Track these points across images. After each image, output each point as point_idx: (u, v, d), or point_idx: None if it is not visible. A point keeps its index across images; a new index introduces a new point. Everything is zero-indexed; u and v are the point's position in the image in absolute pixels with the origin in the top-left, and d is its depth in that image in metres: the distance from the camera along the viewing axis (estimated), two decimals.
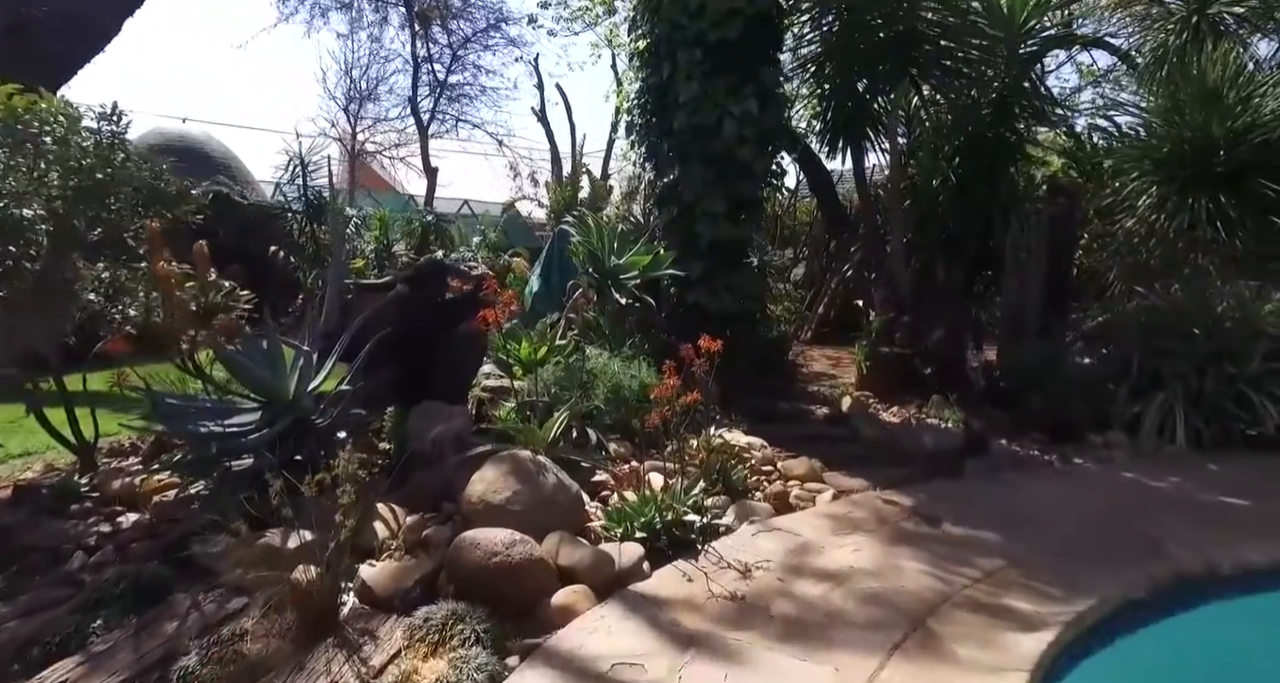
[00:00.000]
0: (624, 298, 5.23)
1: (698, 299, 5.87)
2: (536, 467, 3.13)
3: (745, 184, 5.80)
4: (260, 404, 3.27)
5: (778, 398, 6.21)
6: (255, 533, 2.61)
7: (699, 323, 6.04)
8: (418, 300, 4.04)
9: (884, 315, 6.29)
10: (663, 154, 6.01)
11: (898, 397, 6.02)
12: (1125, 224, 6.47)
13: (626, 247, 5.73)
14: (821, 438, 5.02)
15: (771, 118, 5.78)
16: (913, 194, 6.26)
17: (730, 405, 5.54)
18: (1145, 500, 3.60)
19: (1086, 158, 7.44)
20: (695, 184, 5.75)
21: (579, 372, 4.59)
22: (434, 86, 14.70)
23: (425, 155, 14.14)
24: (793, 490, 3.73)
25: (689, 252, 5.98)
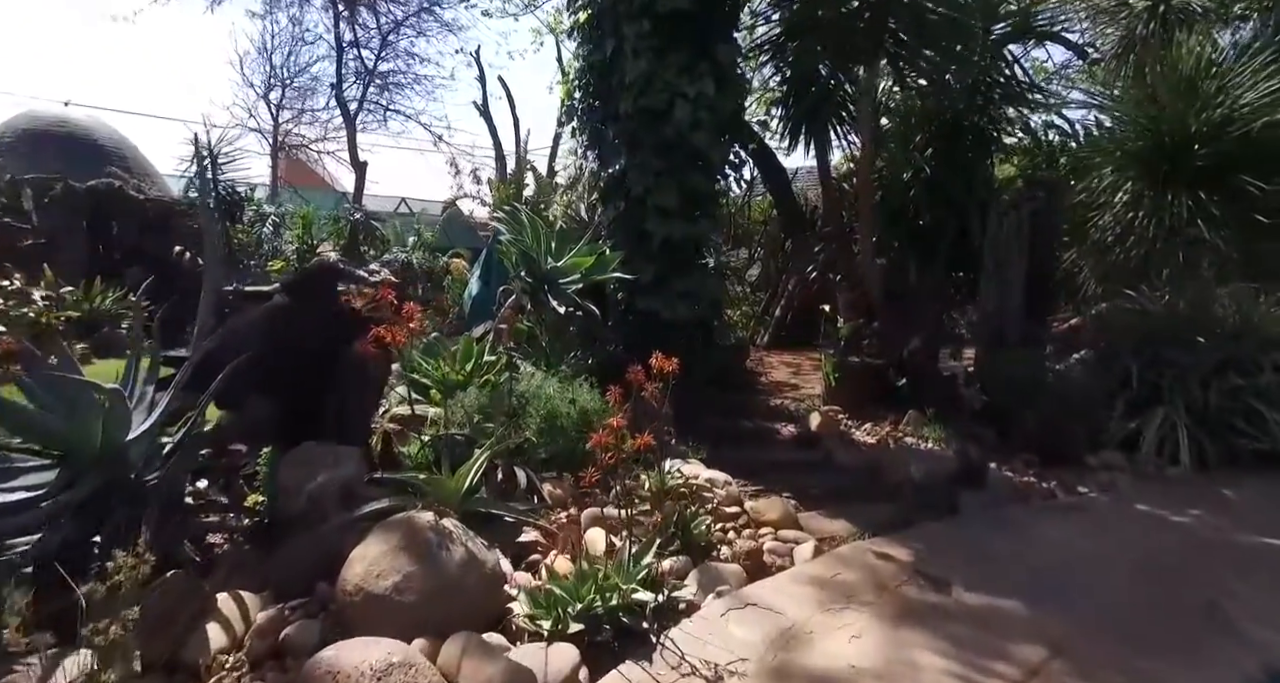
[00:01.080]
0: (563, 306, 4.50)
1: (649, 306, 5.18)
2: (439, 535, 2.38)
3: (700, 175, 5.15)
4: (56, 460, 2.41)
5: (739, 415, 5.58)
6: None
7: (651, 333, 5.36)
8: (298, 313, 3.22)
9: (852, 322, 5.73)
10: (607, 142, 5.31)
11: (870, 412, 5.47)
12: (1098, 222, 6.10)
13: (567, 247, 4.99)
14: (792, 465, 4.40)
15: (729, 101, 5.14)
16: (882, 188, 5.72)
17: (687, 427, 4.88)
18: (1181, 546, 3.08)
19: (1043, 156, 7.09)
20: (644, 175, 5.06)
21: (507, 396, 3.83)
22: (361, 74, 13.59)
23: (353, 148, 13.03)
24: (765, 542, 3.07)
25: (638, 252, 5.29)
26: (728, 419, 5.41)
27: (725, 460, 4.34)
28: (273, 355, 3.10)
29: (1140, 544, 3.08)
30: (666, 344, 4.85)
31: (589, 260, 4.63)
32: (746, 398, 6.32)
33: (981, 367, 5.19)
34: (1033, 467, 4.17)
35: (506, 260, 4.65)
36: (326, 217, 11.73)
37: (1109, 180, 5.93)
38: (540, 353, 4.76)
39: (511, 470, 3.44)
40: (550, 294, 4.53)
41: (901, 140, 5.50)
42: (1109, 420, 4.29)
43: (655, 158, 5.07)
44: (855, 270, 6.09)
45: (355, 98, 13.60)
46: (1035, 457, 4.24)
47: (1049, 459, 4.21)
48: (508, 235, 4.58)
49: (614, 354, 5.23)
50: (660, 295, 5.22)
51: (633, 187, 5.10)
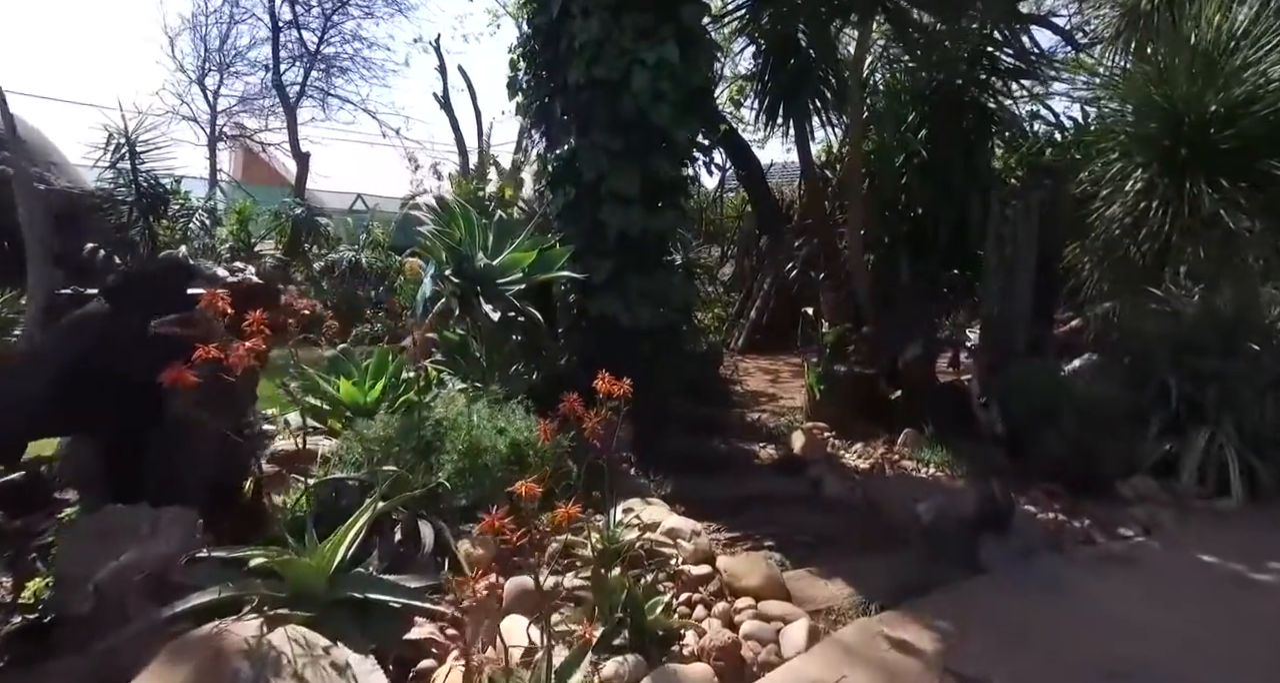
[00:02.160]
0: (498, 311, 3.72)
1: (605, 309, 4.43)
2: (258, 662, 1.59)
3: (664, 158, 4.41)
4: None
5: (711, 434, 4.87)
6: None
7: (608, 341, 4.61)
8: (118, 326, 2.40)
9: (838, 326, 5.04)
10: (555, 118, 4.54)
11: (860, 429, 4.79)
12: (1104, 213, 5.50)
13: (507, 241, 4.22)
14: (773, 500, 3.69)
15: (696, 70, 4.42)
16: (871, 175, 5.05)
17: (649, 451, 4.16)
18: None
19: (1029, 146, 6.51)
20: (597, 157, 4.31)
21: (418, 425, 3.05)
22: (301, 56, 12.45)
23: (293, 137, 12.01)
24: (744, 623, 2.34)
25: (592, 247, 4.53)
26: (696, 440, 4.69)
27: (693, 495, 3.63)
28: (81, 383, 2.29)
29: (1229, 618, 2.41)
30: (627, 354, 4.10)
31: (529, 256, 3.86)
32: (720, 412, 5.60)
33: (986, 378, 4.54)
34: (1057, 499, 3.51)
35: (433, 258, 3.86)
36: (266, 212, 10.74)
37: (1116, 167, 5.33)
38: (475, 368, 3.98)
39: (415, 525, 2.66)
40: (483, 297, 3.75)
41: (893, 120, 4.83)
42: (1141, 442, 3.64)
43: (610, 136, 4.32)
44: (840, 268, 5.40)
45: (295, 82, 12.55)
46: (1058, 486, 3.59)
47: (1075, 488, 3.56)
48: (430, 227, 3.79)
49: (565, 368, 4.47)
50: (618, 297, 4.47)
51: (584, 170, 4.34)
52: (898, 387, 4.88)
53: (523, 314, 3.79)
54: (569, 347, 4.75)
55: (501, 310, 3.72)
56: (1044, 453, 3.63)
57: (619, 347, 4.60)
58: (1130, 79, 5.53)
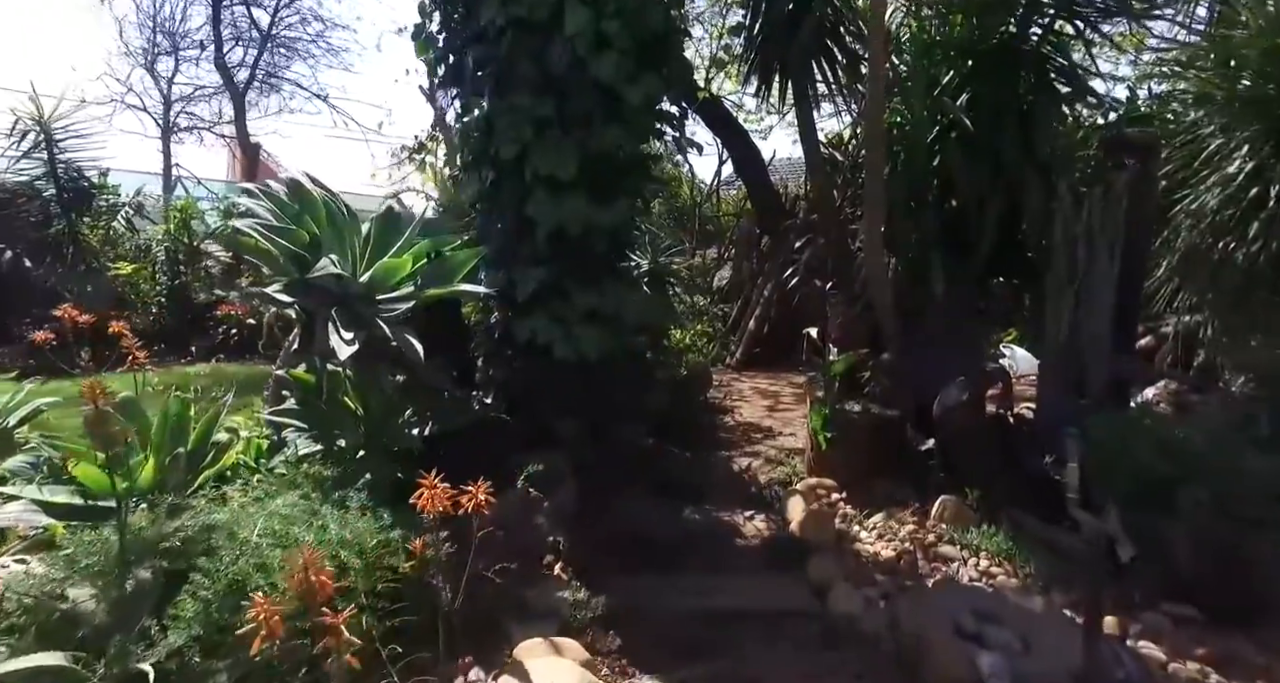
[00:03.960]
0: (356, 341, 2.53)
1: (531, 334, 3.26)
2: None
3: (616, 128, 3.24)
4: None
5: (681, 496, 3.68)
6: None
7: (541, 377, 3.44)
8: None
9: (851, 351, 3.84)
10: (468, 75, 3.37)
11: (881, 490, 3.60)
12: (1192, 204, 4.28)
13: (393, 240, 3.04)
14: (756, 624, 2.50)
15: (656, 4, 3.24)
16: (894, 155, 3.84)
17: (588, 534, 3.02)
18: None
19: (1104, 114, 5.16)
20: (519, 126, 3.14)
21: (166, 538, 1.88)
22: (250, 36, 11.23)
23: (240, 125, 10.81)
24: None
25: (517, 250, 3.37)
26: (663, 507, 3.51)
27: (639, 616, 2.46)
28: None
29: None
30: (567, 393, 2.96)
31: (404, 265, 2.68)
32: (698, 460, 4.42)
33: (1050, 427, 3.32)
34: (1195, 635, 2.30)
35: (264, 265, 2.69)
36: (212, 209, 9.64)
37: (1214, 145, 4.09)
38: (341, 420, 2.80)
39: None
40: (340, 321, 2.57)
41: (923, 81, 3.63)
42: None
43: (535, 98, 3.15)
44: (853, 275, 4.20)
45: (244, 65, 11.35)
46: (1193, 609, 2.38)
47: (1222, 614, 2.35)
48: (253, 220, 2.61)
49: (480, 415, 3.30)
50: (552, 318, 3.30)
51: (501, 144, 3.17)
52: (929, 433, 3.68)
53: (398, 342, 2.62)
54: (491, 385, 3.58)
55: (358, 340, 2.54)
56: (1168, 560, 2.42)
57: (556, 384, 3.43)
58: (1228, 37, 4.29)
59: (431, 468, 2.96)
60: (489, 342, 3.50)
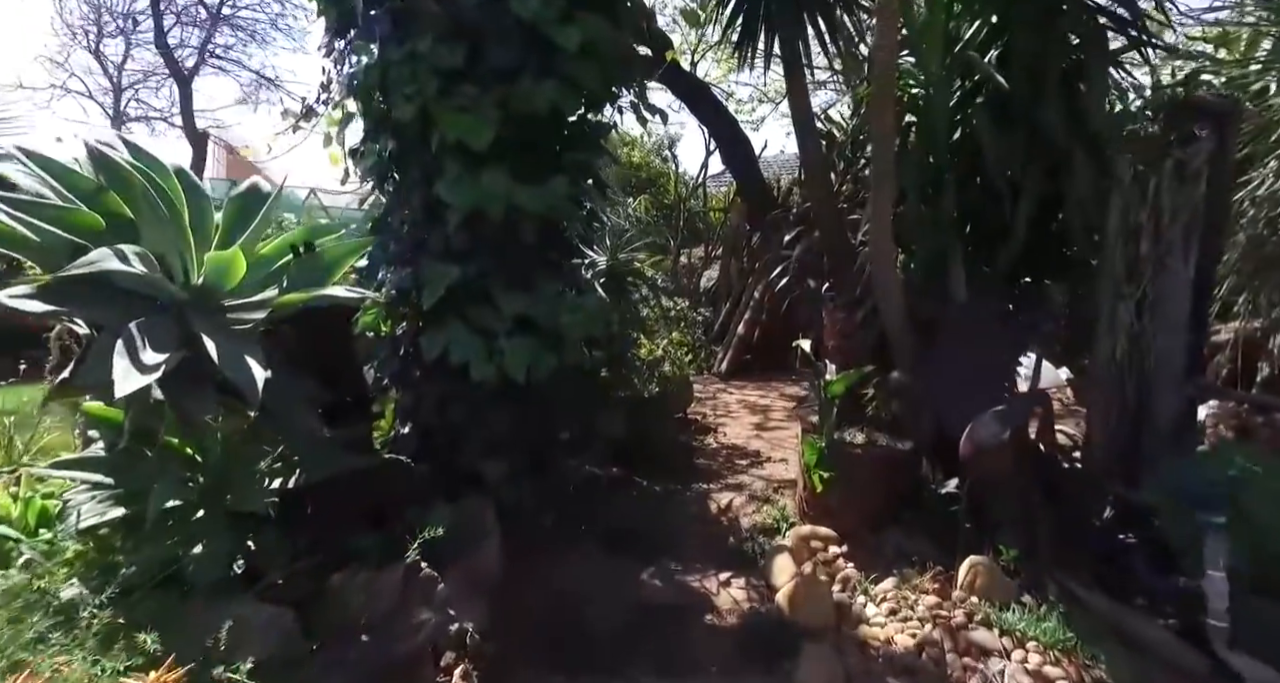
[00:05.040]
0: (168, 363, 1.78)
1: (441, 349, 2.53)
2: None
3: (544, 83, 2.50)
4: None
5: (642, 552, 2.95)
6: None
7: (459, 403, 2.71)
8: None
9: (851, 368, 3.11)
10: (358, 15, 2.62)
11: (891, 544, 2.87)
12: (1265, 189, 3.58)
13: (245, 225, 2.29)
14: None
15: None
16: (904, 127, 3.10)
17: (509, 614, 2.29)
18: None
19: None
20: (421, 79, 2.40)
21: None
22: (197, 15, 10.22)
23: (187, 111, 9.94)
24: None
25: (425, 241, 2.64)
26: (614, 568, 2.79)
27: None
28: None
29: None
30: (495, 422, 2.22)
31: (236, 259, 1.93)
32: (668, 497, 3.69)
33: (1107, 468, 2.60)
34: None
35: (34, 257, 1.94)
36: None
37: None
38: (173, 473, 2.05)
39: None
40: (146, 337, 1.83)
41: (942, 36, 2.89)
42: None
43: (442, 43, 2.41)
44: (854, 274, 3.47)
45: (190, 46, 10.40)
46: None
47: None
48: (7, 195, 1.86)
49: (374, 462, 2.55)
50: (469, 328, 2.56)
51: (397, 102, 2.43)
52: (951, 471, 2.95)
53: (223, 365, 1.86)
54: (405, 414, 2.84)
55: (181, 363, 1.80)
56: None
57: (479, 411, 2.69)
58: None
59: (295, 532, 2.23)
60: (393, 360, 2.76)
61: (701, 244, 9.46)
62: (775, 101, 10.16)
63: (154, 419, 1.95)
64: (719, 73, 10.71)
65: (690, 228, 9.42)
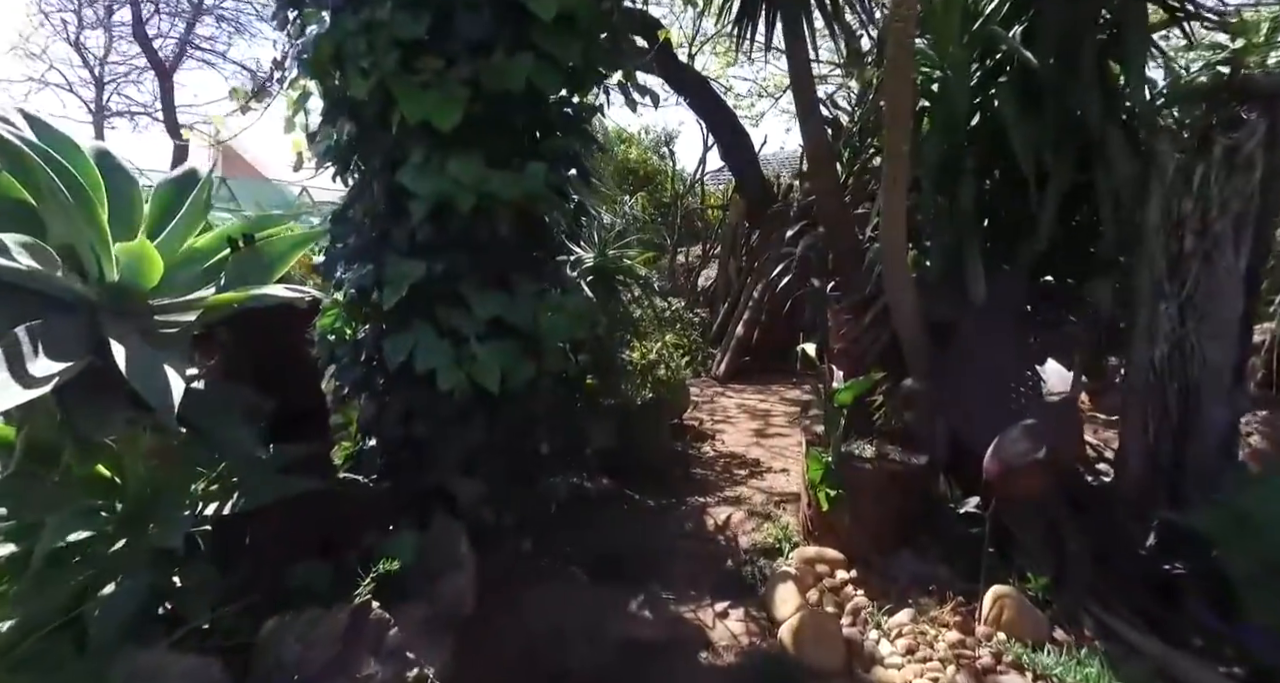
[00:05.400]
0: (69, 372, 1.52)
1: (414, 359, 2.26)
2: None
3: (519, 58, 2.23)
4: None
5: (630, 576, 2.69)
6: None
7: (427, 415, 2.44)
8: None
9: (859, 374, 2.85)
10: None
11: (905, 567, 2.60)
12: None
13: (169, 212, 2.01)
14: None
15: None
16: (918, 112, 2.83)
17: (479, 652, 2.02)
18: None
19: None
20: (378, 50, 2.13)
21: None
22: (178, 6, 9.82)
23: (168, 105, 9.61)
24: None
25: (387, 236, 2.37)
26: (599, 597, 2.52)
27: None
28: None
29: None
30: (468, 436, 1.93)
31: (149, 253, 1.66)
32: (661, 512, 3.43)
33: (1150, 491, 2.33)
34: None
35: None
36: None
37: None
38: (79, 501, 1.78)
39: None
40: (41, 340, 1.56)
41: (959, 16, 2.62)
42: None
43: (403, 11, 2.14)
44: (860, 273, 3.21)
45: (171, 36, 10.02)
46: None
47: None
48: None
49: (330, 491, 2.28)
50: (437, 331, 2.30)
51: (352, 78, 2.16)
52: (969, 488, 2.68)
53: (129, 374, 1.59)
54: (368, 427, 2.56)
55: (85, 370, 1.53)
56: None
57: (450, 424, 2.42)
58: None
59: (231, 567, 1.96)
60: (355, 367, 2.49)
61: (699, 243, 9.20)
62: (775, 96, 9.90)
63: (59, 437, 1.68)
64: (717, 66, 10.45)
65: (687, 226, 9.16)
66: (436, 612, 2.14)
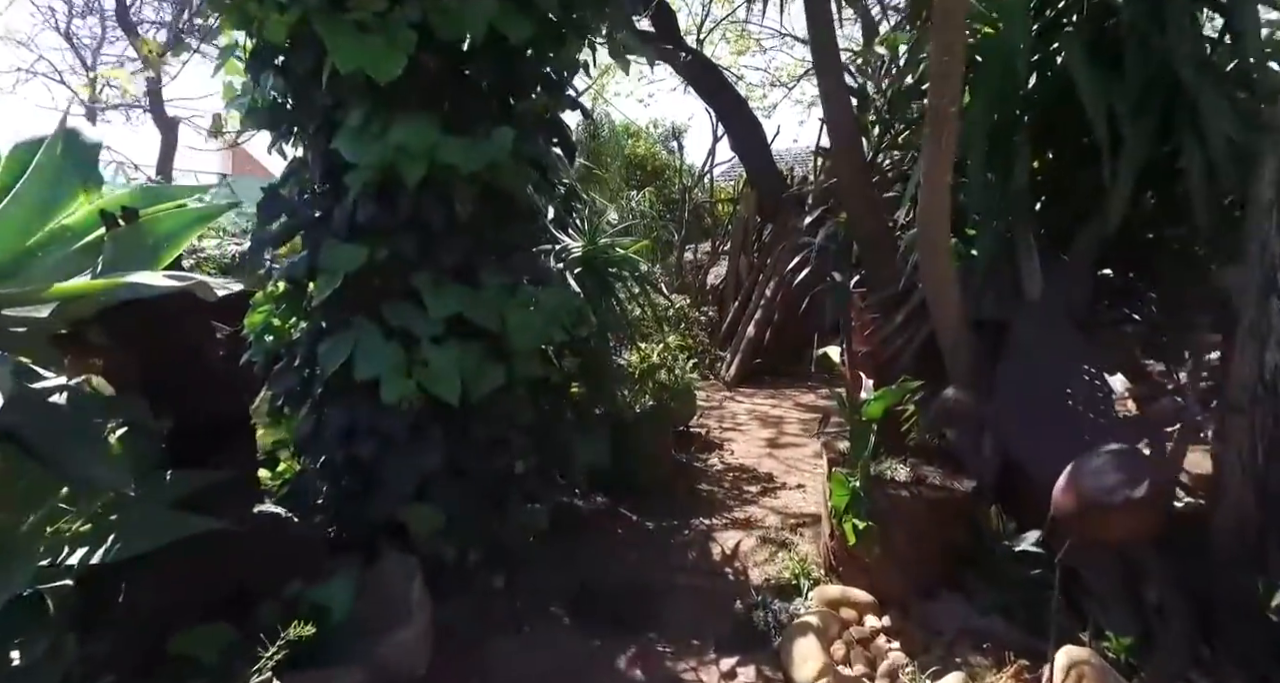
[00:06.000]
0: None
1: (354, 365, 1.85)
2: None
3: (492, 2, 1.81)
4: None
5: (620, 620, 2.27)
6: None
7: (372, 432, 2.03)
8: None
9: (895, 384, 2.41)
10: None
11: (948, 616, 2.16)
12: None
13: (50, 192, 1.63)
14: None
15: None
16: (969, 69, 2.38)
17: None
18: None
19: None
20: None
21: None
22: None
23: (154, 93, 9.15)
24: None
25: (326, 214, 1.97)
26: (580, 650, 2.10)
27: None
28: None
29: None
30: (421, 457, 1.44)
31: None
32: (660, 536, 3.01)
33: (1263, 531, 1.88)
34: None
35: None
36: None
37: None
38: None
39: None
40: None
41: None
42: None
43: None
44: (890, 265, 2.77)
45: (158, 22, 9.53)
46: None
47: None
48: None
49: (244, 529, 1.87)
50: (383, 332, 1.88)
51: (268, 16, 1.75)
52: (1026, 520, 2.23)
53: None
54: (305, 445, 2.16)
55: None
56: None
57: (400, 443, 2.01)
58: None
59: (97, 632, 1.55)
60: (289, 374, 2.08)
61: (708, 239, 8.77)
62: (788, 85, 9.44)
63: None
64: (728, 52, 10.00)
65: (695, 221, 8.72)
66: (377, 679, 1.74)
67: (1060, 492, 1.74)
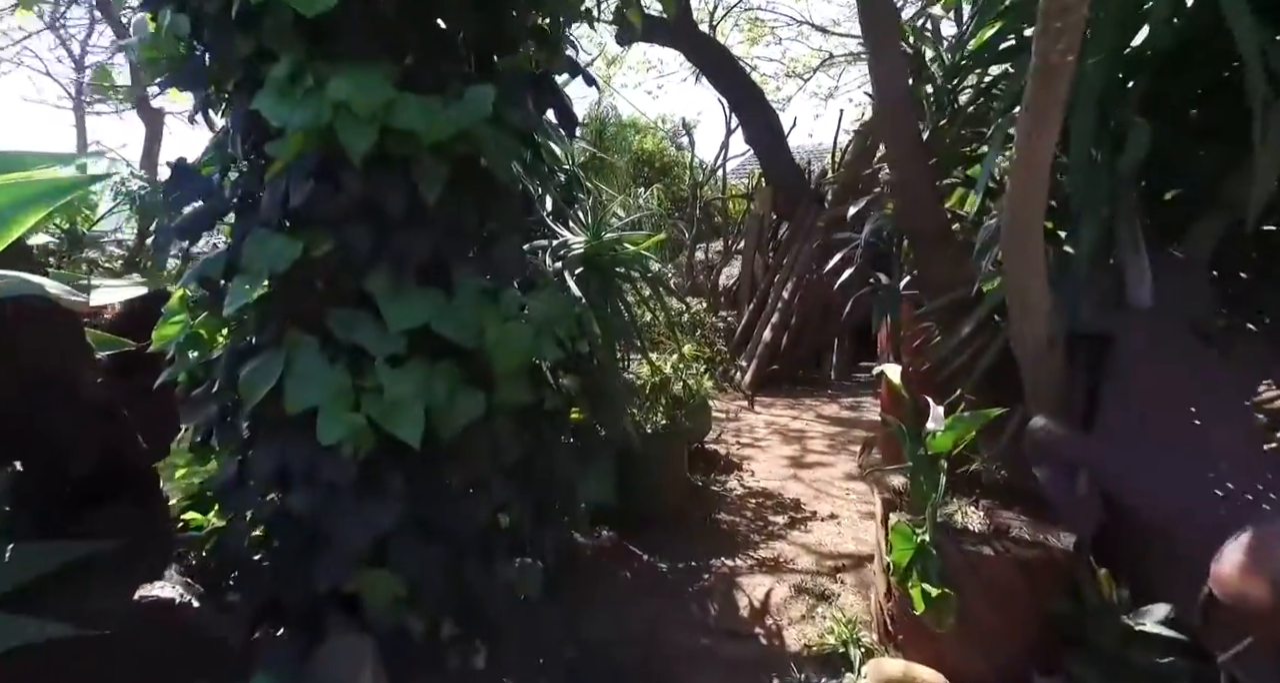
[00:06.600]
0: None
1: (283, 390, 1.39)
2: None
3: None
4: None
5: None
6: None
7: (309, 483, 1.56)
8: None
9: (972, 411, 1.94)
10: None
11: None
12: None
13: None
14: None
15: None
16: None
17: None
18: None
19: None
20: None
21: None
22: None
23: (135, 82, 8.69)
24: None
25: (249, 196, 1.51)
26: None
27: None
28: None
29: None
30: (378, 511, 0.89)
31: None
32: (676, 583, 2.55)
33: None
34: None
35: None
36: None
37: None
38: None
39: None
40: None
41: None
42: None
43: None
44: (952, 260, 2.31)
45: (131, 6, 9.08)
46: None
47: None
48: None
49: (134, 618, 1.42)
50: (318, 349, 1.42)
51: None
52: (1143, 588, 1.76)
53: None
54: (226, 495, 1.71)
55: None
56: None
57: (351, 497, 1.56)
58: None
59: None
60: (205, 402, 1.63)
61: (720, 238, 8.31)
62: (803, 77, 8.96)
63: None
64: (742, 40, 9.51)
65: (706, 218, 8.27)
66: None
67: (1237, 568, 1.27)
